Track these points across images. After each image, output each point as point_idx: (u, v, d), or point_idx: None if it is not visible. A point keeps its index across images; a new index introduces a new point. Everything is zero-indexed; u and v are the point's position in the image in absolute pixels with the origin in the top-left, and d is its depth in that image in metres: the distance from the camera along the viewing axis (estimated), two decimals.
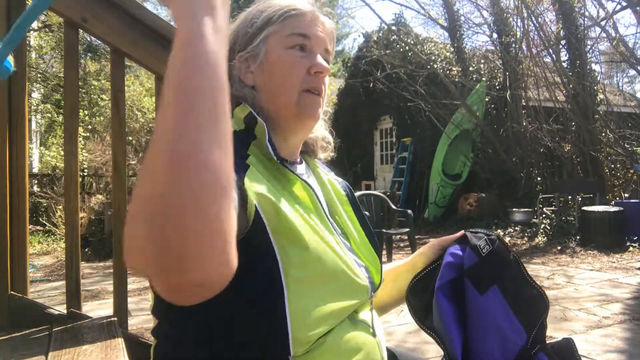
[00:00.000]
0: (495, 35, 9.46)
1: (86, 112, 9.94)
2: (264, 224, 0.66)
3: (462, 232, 0.91)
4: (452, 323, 0.84)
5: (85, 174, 8.51)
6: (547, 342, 0.87)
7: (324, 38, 0.85)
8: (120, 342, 1.55)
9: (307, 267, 0.69)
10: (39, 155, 10.73)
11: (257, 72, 0.83)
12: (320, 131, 0.94)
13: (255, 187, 0.67)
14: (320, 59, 0.83)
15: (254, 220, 0.64)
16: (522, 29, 8.83)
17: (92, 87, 10.82)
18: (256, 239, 0.65)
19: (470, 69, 9.99)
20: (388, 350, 0.90)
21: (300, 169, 0.87)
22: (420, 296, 0.90)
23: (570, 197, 7.83)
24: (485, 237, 0.89)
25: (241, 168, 0.68)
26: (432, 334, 0.88)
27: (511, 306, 0.86)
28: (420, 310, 0.90)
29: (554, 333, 3.01)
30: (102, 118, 9.80)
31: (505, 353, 0.83)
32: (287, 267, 0.66)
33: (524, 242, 6.96)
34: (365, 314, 0.80)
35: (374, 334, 0.80)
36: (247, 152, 0.74)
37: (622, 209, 6.29)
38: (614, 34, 8.19)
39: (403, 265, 1.01)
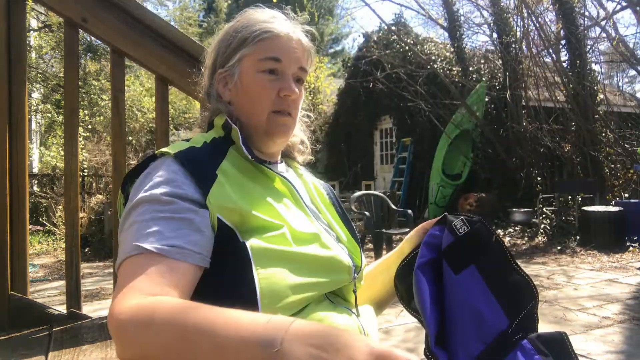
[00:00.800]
0: (495, 35, 9.46)
1: (86, 112, 9.93)
2: (231, 229, 0.73)
3: (444, 214, 0.91)
4: (428, 301, 0.81)
5: (85, 174, 8.51)
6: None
7: (298, 57, 0.89)
8: None
9: (277, 245, 0.73)
10: (39, 155, 10.73)
11: (233, 91, 0.90)
12: (299, 135, 1.01)
13: (219, 201, 0.73)
14: (290, 82, 0.87)
15: (219, 227, 0.73)
16: (522, 29, 8.83)
17: (92, 87, 10.81)
18: (225, 241, 0.73)
19: (470, 69, 9.99)
20: None
21: (281, 167, 0.94)
22: (406, 280, 0.89)
23: (570, 197, 7.83)
24: (463, 217, 0.86)
25: (208, 182, 0.75)
26: (415, 315, 0.86)
27: (490, 288, 0.82)
28: (406, 293, 0.89)
29: None
30: (102, 118, 9.80)
31: (482, 335, 0.80)
32: (257, 251, 0.72)
33: (524, 242, 6.96)
34: (347, 297, 0.85)
35: (356, 318, 0.82)
36: (222, 160, 0.80)
37: (622, 209, 6.29)
38: (614, 34, 8.19)
39: (392, 255, 1.03)
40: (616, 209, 6.32)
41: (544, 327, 0.83)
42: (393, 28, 10.60)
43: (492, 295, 0.81)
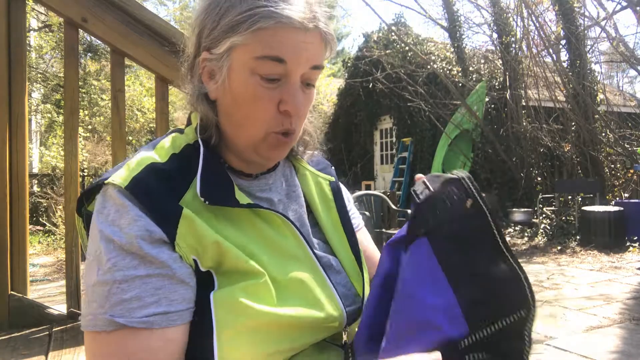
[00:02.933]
0: (495, 35, 9.46)
1: (86, 112, 9.94)
2: (206, 275, 0.60)
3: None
4: (375, 283, 0.64)
5: (85, 174, 8.52)
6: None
7: (312, 56, 0.64)
8: None
9: (252, 302, 0.58)
10: (39, 155, 10.73)
11: (220, 89, 0.66)
12: (306, 124, 0.79)
13: (190, 241, 0.59)
14: (295, 92, 0.64)
15: (196, 273, 0.60)
16: (522, 29, 8.83)
17: (92, 87, 10.82)
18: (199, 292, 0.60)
19: (470, 69, 9.99)
20: None
21: (276, 177, 0.76)
22: None
23: (570, 197, 7.83)
24: (428, 178, 0.61)
25: (171, 221, 0.58)
26: None
27: (446, 271, 0.54)
28: None
29: (554, 333, 3.01)
30: (102, 118, 9.80)
31: (416, 337, 0.53)
32: (224, 308, 0.58)
33: (524, 242, 6.96)
34: (338, 339, 0.69)
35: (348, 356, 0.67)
36: (189, 184, 0.63)
37: (622, 209, 6.29)
38: (614, 34, 8.19)
39: None
40: (616, 209, 6.32)
41: (543, 327, 0.76)
42: (393, 28, 10.59)
43: (446, 281, 0.53)
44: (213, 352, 0.56)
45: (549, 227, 7.27)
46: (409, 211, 0.67)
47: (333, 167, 0.89)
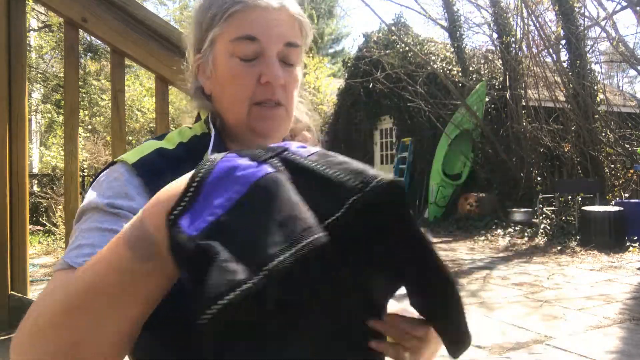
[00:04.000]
0: (495, 35, 9.46)
1: (86, 112, 9.94)
2: None
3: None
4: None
5: (85, 174, 8.52)
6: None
7: (283, 32, 0.70)
8: None
9: None
10: (39, 155, 10.73)
11: (210, 80, 0.74)
12: (304, 120, 0.83)
13: None
14: (272, 64, 0.69)
15: None
16: (522, 29, 8.83)
17: (92, 87, 10.82)
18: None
19: (470, 69, 9.99)
20: None
21: None
22: None
23: (570, 197, 7.83)
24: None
25: None
26: None
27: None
28: None
29: (554, 333, 3.01)
30: (102, 118, 9.80)
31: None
32: None
33: (524, 242, 6.96)
34: None
35: None
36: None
37: (622, 209, 6.29)
38: (614, 34, 8.19)
39: None
40: (616, 209, 6.32)
41: (543, 327, 0.76)
42: (393, 28, 10.60)
43: None
44: None
45: (549, 227, 7.27)
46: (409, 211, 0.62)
47: None
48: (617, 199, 7.61)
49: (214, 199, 0.39)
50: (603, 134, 8.27)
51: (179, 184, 0.44)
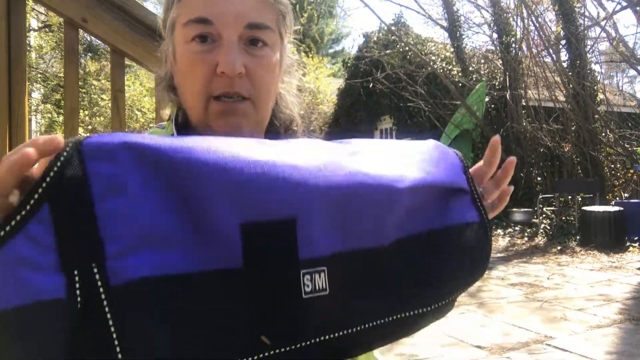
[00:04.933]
0: (495, 35, 9.46)
1: (86, 112, 9.94)
2: None
3: None
4: None
5: None
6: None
7: (241, 12, 0.59)
8: None
9: None
10: None
11: (174, 71, 0.66)
12: (290, 110, 0.73)
13: None
14: (229, 50, 0.59)
15: None
16: (522, 29, 8.83)
17: (92, 87, 10.82)
18: None
19: (470, 69, 9.99)
20: None
21: None
22: None
23: (570, 197, 7.83)
24: None
25: None
26: None
27: None
28: None
29: (554, 333, 3.01)
30: (102, 118, 9.80)
31: None
32: None
33: (524, 242, 6.96)
34: None
35: None
36: None
37: (622, 209, 6.29)
38: (614, 34, 8.19)
39: None
40: (616, 209, 6.32)
41: (543, 327, 0.76)
42: (393, 28, 10.60)
43: None
44: None
45: (549, 227, 7.27)
46: None
47: None
48: (617, 199, 7.61)
49: None
50: (603, 134, 8.27)
51: None
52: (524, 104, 8.86)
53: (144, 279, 0.38)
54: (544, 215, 7.62)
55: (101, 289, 0.37)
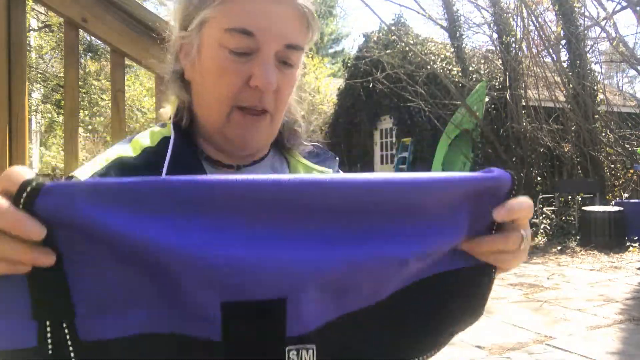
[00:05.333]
0: (495, 35, 9.46)
1: (86, 112, 9.94)
2: None
3: None
4: None
5: None
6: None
7: (285, 32, 0.59)
8: None
9: None
10: (39, 155, 10.73)
11: (192, 66, 0.64)
12: (294, 114, 0.73)
13: None
14: (266, 66, 0.59)
15: None
16: (522, 29, 8.83)
17: (92, 87, 10.82)
18: None
19: (470, 69, 9.99)
20: None
21: (263, 167, 0.69)
22: None
23: (570, 197, 7.83)
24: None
25: None
26: None
27: None
28: None
29: (554, 333, 3.02)
30: (102, 118, 9.80)
31: None
32: None
33: None
34: None
35: None
36: None
37: (622, 209, 6.29)
38: (614, 34, 8.19)
39: None
40: (616, 209, 6.32)
41: (543, 327, 0.75)
42: (393, 28, 10.60)
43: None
44: None
45: (549, 227, 7.27)
46: None
47: (337, 158, 0.82)
48: (617, 199, 7.61)
49: None
50: (603, 134, 8.27)
51: None
52: (524, 104, 8.86)
53: (113, 340, 0.41)
54: (544, 215, 7.62)
55: (69, 343, 0.40)
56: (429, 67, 9.42)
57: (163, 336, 0.42)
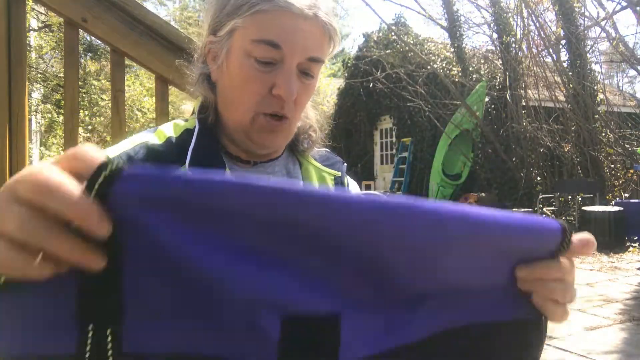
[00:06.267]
0: (495, 35, 9.46)
1: (86, 112, 9.94)
2: None
3: None
4: None
5: None
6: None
7: (309, 46, 0.64)
8: None
9: None
10: (39, 155, 10.73)
11: (219, 70, 0.68)
12: (311, 117, 0.79)
13: None
14: (289, 78, 0.64)
15: None
16: (522, 29, 8.83)
17: (92, 87, 10.82)
18: None
19: (470, 69, 9.99)
20: None
21: (278, 167, 0.75)
22: None
23: (570, 197, 7.83)
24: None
25: None
26: None
27: None
28: None
29: (554, 333, 3.02)
30: (102, 118, 9.80)
31: None
32: None
33: None
34: None
35: None
36: (181, 166, 0.63)
37: (622, 209, 6.29)
38: (614, 34, 8.19)
39: None
40: (616, 209, 6.32)
41: None
42: (393, 28, 10.60)
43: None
44: None
45: None
46: None
47: (345, 164, 0.86)
48: (617, 199, 7.61)
49: None
50: (603, 134, 8.27)
51: None
52: (524, 104, 8.86)
53: (152, 354, 0.36)
54: (544, 215, 7.61)
55: (110, 352, 0.35)
56: (429, 67, 9.43)
57: (207, 358, 0.38)
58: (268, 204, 0.35)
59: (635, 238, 6.10)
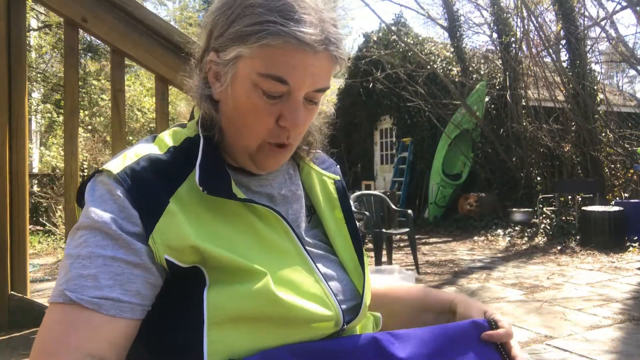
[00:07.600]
0: (495, 35, 9.47)
1: (86, 112, 9.94)
2: (191, 270, 0.60)
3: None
4: None
5: (85, 174, 8.51)
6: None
7: (318, 79, 0.64)
8: None
9: (236, 304, 0.59)
10: (39, 155, 10.72)
11: (223, 92, 0.67)
12: (310, 127, 0.78)
13: (166, 238, 0.58)
14: (296, 110, 0.64)
15: (171, 272, 0.60)
16: (522, 29, 8.83)
17: (92, 87, 10.82)
18: (180, 287, 0.60)
19: (470, 69, 9.99)
20: None
21: (270, 175, 0.74)
22: None
23: (570, 197, 7.83)
24: None
25: (155, 213, 0.59)
26: None
27: None
28: None
29: (554, 333, 3.01)
30: (102, 118, 9.80)
31: None
32: (212, 308, 0.58)
33: (524, 242, 6.95)
34: None
35: None
36: (184, 179, 0.63)
37: (622, 209, 6.28)
38: (614, 34, 8.19)
39: (407, 290, 0.91)
40: (616, 209, 6.32)
41: (543, 327, 0.78)
42: (393, 28, 10.60)
43: None
44: (202, 349, 0.57)
45: (549, 227, 7.27)
46: (409, 211, 0.85)
47: (338, 166, 0.88)
48: (617, 199, 7.61)
49: None
50: (603, 134, 8.27)
51: None
52: (524, 103, 8.86)
53: None
54: (544, 215, 7.62)
55: None
56: (429, 67, 9.43)
57: None
58: None
59: (635, 238, 6.10)
